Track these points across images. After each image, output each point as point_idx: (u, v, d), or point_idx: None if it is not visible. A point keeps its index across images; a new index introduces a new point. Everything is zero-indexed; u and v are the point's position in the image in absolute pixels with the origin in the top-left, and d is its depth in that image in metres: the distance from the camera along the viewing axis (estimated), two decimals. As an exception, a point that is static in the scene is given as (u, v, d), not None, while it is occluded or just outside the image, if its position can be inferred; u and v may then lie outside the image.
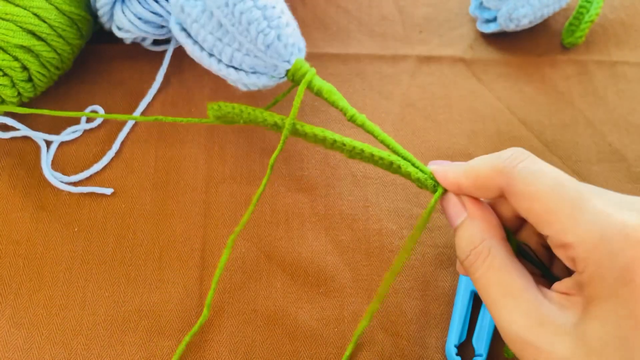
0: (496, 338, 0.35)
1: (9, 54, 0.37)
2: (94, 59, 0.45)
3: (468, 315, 0.35)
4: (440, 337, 0.36)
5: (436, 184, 0.30)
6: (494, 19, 0.46)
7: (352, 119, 0.31)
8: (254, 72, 0.33)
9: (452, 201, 0.29)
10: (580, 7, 0.46)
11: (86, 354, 0.35)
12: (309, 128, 0.29)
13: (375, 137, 0.31)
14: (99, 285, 0.37)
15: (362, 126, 0.31)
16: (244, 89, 0.33)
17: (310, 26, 0.47)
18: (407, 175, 0.30)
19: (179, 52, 0.45)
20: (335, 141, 0.30)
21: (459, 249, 0.28)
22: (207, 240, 0.38)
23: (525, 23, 0.45)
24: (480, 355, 0.34)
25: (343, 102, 0.31)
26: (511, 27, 0.45)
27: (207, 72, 0.45)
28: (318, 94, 0.31)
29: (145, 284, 0.37)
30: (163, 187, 0.40)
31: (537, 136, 0.43)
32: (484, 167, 0.27)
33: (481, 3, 0.46)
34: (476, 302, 0.36)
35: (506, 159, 0.26)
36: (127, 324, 0.35)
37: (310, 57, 0.48)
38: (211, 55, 0.33)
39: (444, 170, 0.29)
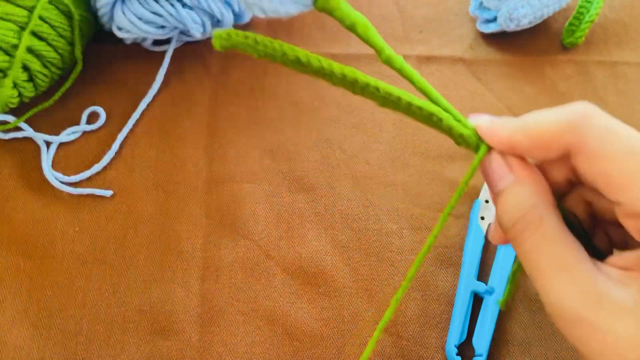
0: (496, 338, 0.35)
1: (9, 55, 0.37)
2: (94, 59, 0.45)
3: (468, 315, 0.35)
4: (440, 337, 0.36)
5: (480, 142, 0.26)
6: (494, 19, 0.46)
7: (388, 61, 0.27)
8: None
9: (496, 162, 0.26)
10: (580, 7, 0.46)
11: (86, 354, 0.35)
12: (337, 67, 0.25)
13: (414, 83, 0.27)
14: (100, 285, 0.37)
15: (399, 70, 0.27)
16: (261, 15, 0.29)
17: (311, 26, 0.47)
18: (448, 130, 0.26)
19: (179, 52, 0.45)
20: (368, 85, 0.26)
21: (503, 217, 0.25)
22: (208, 240, 0.38)
23: (525, 23, 0.45)
24: (481, 355, 0.34)
25: (378, 39, 0.26)
26: (511, 27, 0.45)
27: (207, 73, 0.45)
28: (351, 28, 0.26)
29: (145, 284, 0.37)
30: (163, 187, 0.40)
31: (537, 136, 0.43)
32: (550, 122, 0.24)
33: (481, 3, 0.46)
34: (476, 302, 0.36)
35: (578, 112, 0.23)
36: (127, 324, 0.36)
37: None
38: None
39: (492, 126, 0.26)
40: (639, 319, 0.21)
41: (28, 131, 0.41)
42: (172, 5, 0.40)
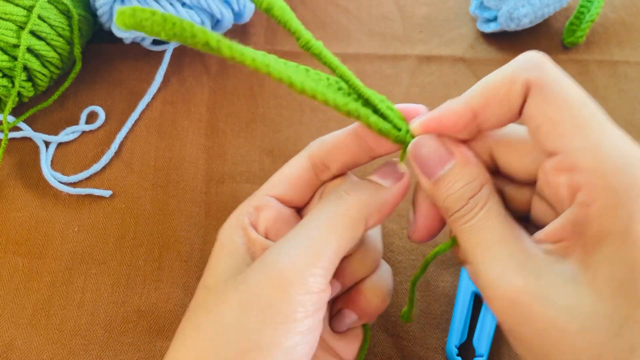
0: (497, 338, 0.35)
1: (8, 54, 0.37)
2: (93, 59, 0.44)
3: (469, 315, 0.35)
4: (441, 338, 0.36)
5: (398, 135, 0.26)
6: (495, 19, 0.46)
7: (306, 47, 0.25)
8: None
9: (434, 145, 0.25)
10: (581, 6, 0.46)
11: (85, 354, 0.34)
12: (249, 56, 0.22)
13: (334, 71, 0.26)
14: (98, 286, 0.36)
15: (318, 57, 0.26)
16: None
17: (310, 26, 0.47)
18: (368, 126, 0.25)
19: (179, 51, 0.45)
20: (281, 79, 0.24)
21: (451, 199, 0.24)
22: (207, 241, 0.38)
23: (525, 22, 0.45)
24: (481, 356, 0.34)
25: (296, 24, 0.25)
26: (512, 26, 0.45)
27: (206, 72, 0.45)
28: (267, 10, 0.24)
29: (144, 284, 0.37)
30: (163, 187, 0.40)
31: (537, 136, 0.43)
32: (508, 67, 0.23)
33: (481, 2, 0.46)
34: (477, 303, 0.36)
35: (536, 55, 0.23)
36: (126, 324, 0.35)
37: (310, 56, 0.48)
38: None
39: (444, 107, 0.25)
40: (579, 291, 0.20)
41: (27, 131, 0.41)
42: (171, 4, 0.40)
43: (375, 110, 0.26)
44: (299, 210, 0.30)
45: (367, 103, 0.26)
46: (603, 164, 0.20)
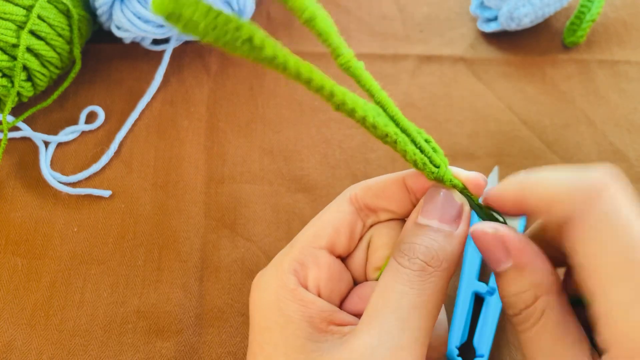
0: (498, 338, 0.35)
1: (8, 54, 0.37)
2: (93, 59, 0.44)
3: (469, 315, 0.35)
4: (441, 338, 0.35)
5: (435, 172, 0.24)
6: (495, 18, 0.46)
7: (345, 66, 0.23)
8: None
9: (494, 242, 0.23)
10: (582, 6, 0.46)
11: (84, 355, 0.34)
12: (293, 62, 0.20)
13: (371, 95, 0.24)
14: (98, 286, 0.36)
15: (357, 78, 0.23)
16: None
17: (310, 25, 0.47)
18: (403, 154, 0.24)
19: (178, 51, 0.45)
20: (322, 87, 0.22)
21: (506, 303, 0.23)
22: (207, 241, 0.38)
23: (526, 22, 0.44)
24: (482, 356, 0.34)
25: (338, 40, 0.23)
26: (512, 26, 0.45)
27: (206, 72, 0.45)
28: (308, 22, 0.22)
29: (144, 285, 0.37)
30: (162, 187, 0.40)
31: (538, 136, 0.42)
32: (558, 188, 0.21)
33: (482, 2, 0.46)
34: (477, 303, 0.36)
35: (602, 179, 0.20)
36: (125, 324, 0.35)
37: (311, 56, 0.48)
38: None
39: (499, 190, 0.24)
40: None
41: (26, 131, 0.41)
42: (171, 4, 0.40)
43: (413, 142, 0.24)
44: (343, 259, 0.28)
45: (404, 132, 0.24)
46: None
